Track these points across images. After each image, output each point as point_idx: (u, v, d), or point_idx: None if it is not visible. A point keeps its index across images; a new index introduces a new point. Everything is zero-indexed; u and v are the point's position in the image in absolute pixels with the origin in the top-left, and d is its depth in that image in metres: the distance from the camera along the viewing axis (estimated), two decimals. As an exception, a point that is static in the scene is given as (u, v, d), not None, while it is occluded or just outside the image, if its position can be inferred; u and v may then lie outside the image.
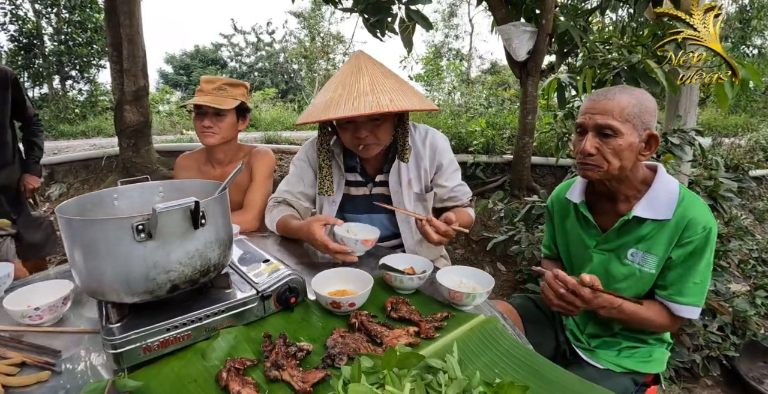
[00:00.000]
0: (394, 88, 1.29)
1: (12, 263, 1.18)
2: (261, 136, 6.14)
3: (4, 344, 0.90)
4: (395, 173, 1.50)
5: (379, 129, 1.37)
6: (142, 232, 0.69)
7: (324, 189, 1.50)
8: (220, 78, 1.76)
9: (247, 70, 24.17)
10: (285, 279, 0.91)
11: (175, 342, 0.80)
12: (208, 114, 1.72)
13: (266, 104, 12.02)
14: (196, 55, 24.12)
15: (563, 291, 1.03)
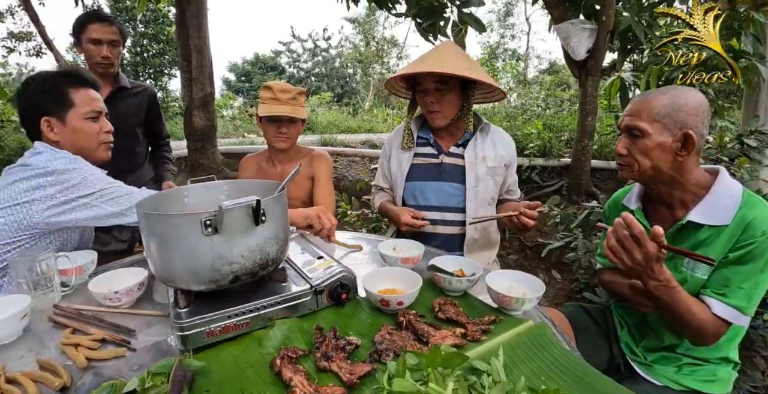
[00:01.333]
0: (460, 63, 1.48)
1: (95, 251, 1.32)
2: (317, 139, 6.33)
3: (87, 322, 1.01)
4: (472, 147, 1.65)
5: (443, 98, 1.57)
6: (209, 227, 0.76)
7: (404, 142, 1.73)
8: (293, 87, 1.88)
9: (305, 75, 25.03)
10: (337, 275, 0.95)
11: (235, 329, 0.87)
12: (284, 121, 1.87)
13: (322, 108, 12.40)
14: (256, 62, 25.32)
15: (626, 232, 0.94)
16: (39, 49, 10.11)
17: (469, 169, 1.63)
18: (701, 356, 1.17)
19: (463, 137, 1.69)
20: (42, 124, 1.32)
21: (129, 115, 2.11)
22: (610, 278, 1.33)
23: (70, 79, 1.36)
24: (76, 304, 1.10)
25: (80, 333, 0.97)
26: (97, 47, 1.97)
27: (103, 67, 2.02)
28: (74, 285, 1.20)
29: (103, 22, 1.97)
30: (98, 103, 1.40)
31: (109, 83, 2.08)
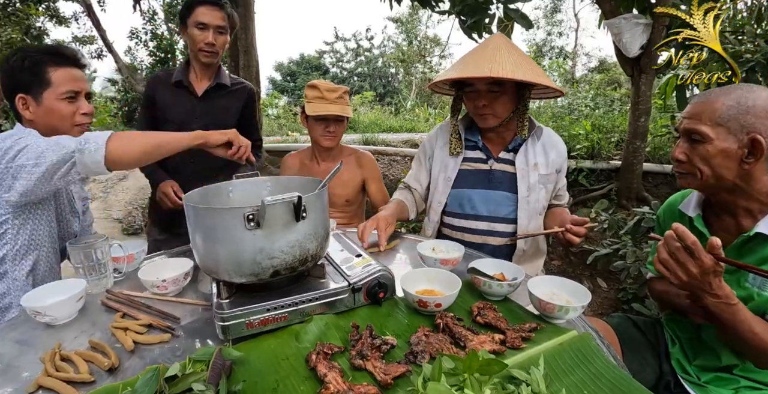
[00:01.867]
0: (516, 62, 1.37)
1: (145, 241, 1.39)
2: (359, 138, 6.38)
3: (137, 308, 1.06)
4: (523, 153, 1.55)
5: (497, 101, 1.46)
6: (252, 221, 0.78)
7: (452, 148, 1.61)
8: (338, 86, 1.90)
9: (347, 74, 25.32)
10: (375, 274, 0.95)
11: (273, 322, 0.88)
12: (331, 120, 1.89)
13: (364, 107, 12.49)
14: (301, 62, 25.86)
15: (678, 244, 0.86)
16: (100, 52, 10.82)
17: (521, 177, 1.54)
18: (763, 379, 1.07)
19: (513, 141, 1.58)
20: (17, 101, 1.26)
21: (222, 115, 1.93)
22: (663, 287, 1.25)
23: (51, 57, 1.27)
24: (126, 290, 1.15)
25: (129, 318, 1.02)
26: (202, 32, 1.77)
27: (206, 54, 1.81)
28: (126, 272, 1.27)
29: (212, 5, 1.77)
30: (78, 82, 1.30)
31: (207, 77, 1.91)
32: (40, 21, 8.63)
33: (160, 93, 1.90)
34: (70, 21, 9.55)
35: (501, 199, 1.57)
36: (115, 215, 4.37)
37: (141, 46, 11.71)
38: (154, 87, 1.92)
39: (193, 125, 1.76)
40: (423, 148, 1.76)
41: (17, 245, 1.23)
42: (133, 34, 11.56)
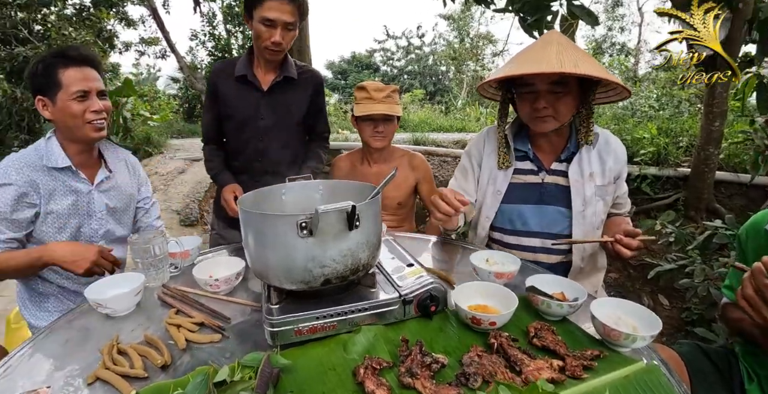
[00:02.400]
0: (583, 58, 1.24)
1: (200, 238, 1.43)
2: (409, 137, 6.32)
3: (190, 305, 1.09)
4: (577, 162, 1.41)
5: (559, 102, 1.31)
6: (304, 229, 0.76)
7: (500, 161, 1.48)
8: (387, 86, 1.89)
9: (398, 73, 25.33)
10: (427, 287, 0.91)
11: (321, 330, 0.87)
12: (380, 120, 1.86)
13: (414, 106, 12.41)
14: (352, 60, 26.17)
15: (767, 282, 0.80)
16: (164, 52, 11.48)
17: (575, 190, 1.41)
18: None
19: (565, 150, 1.44)
20: (37, 103, 1.34)
21: (288, 111, 1.79)
22: (739, 316, 1.12)
23: (59, 59, 1.31)
24: (181, 285, 1.19)
25: (183, 314, 1.04)
26: (268, 30, 1.58)
27: (271, 52, 1.65)
28: (182, 267, 1.31)
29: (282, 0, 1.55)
30: (87, 82, 1.33)
31: (273, 70, 1.76)
32: (111, 24, 9.27)
33: (223, 86, 1.75)
34: (138, 23, 10.18)
35: (554, 214, 1.44)
36: (174, 206, 4.60)
37: (200, 46, 12.33)
38: (217, 79, 1.76)
39: (259, 122, 1.74)
40: (469, 154, 1.60)
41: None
42: (193, 35, 12.19)
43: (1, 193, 1.27)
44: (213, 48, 12.20)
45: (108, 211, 1.48)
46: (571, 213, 1.41)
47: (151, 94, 10.45)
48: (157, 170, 5.58)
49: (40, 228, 1.36)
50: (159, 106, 10.02)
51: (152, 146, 6.76)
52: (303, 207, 1.10)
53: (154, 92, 11.22)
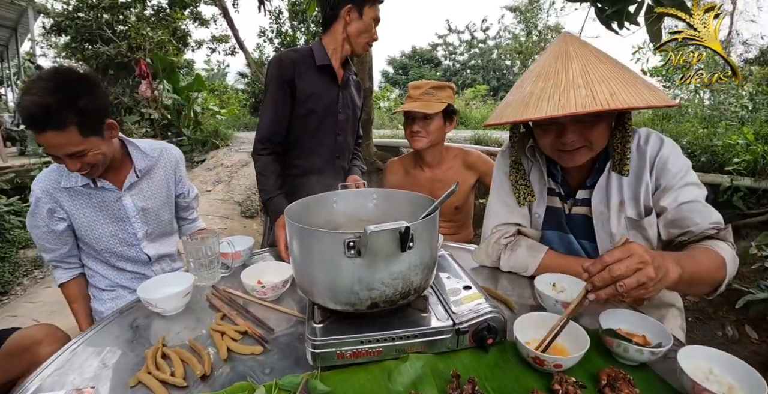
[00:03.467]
0: (615, 78, 0.96)
1: (252, 238, 1.42)
2: (470, 136, 6.11)
3: (236, 310, 1.07)
4: (602, 190, 1.15)
5: (591, 131, 1.05)
6: (352, 249, 0.69)
7: (520, 197, 1.24)
8: (427, 82, 1.79)
9: (460, 67, 24.86)
10: (485, 316, 0.81)
11: (366, 355, 0.80)
12: (417, 118, 1.76)
13: (477, 102, 12.08)
14: (413, 55, 26.01)
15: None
16: (233, 49, 11.98)
17: (599, 223, 1.17)
18: None
19: (593, 174, 1.18)
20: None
21: (355, 105, 1.79)
22: None
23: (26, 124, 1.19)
24: (230, 287, 1.18)
25: (228, 320, 1.02)
26: (375, 28, 1.64)
27: (366, 48, 1.67)
28: (232, 268, 1.31)
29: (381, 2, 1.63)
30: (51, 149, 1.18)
31: (343, 66, 1.71)
32: (185, 23, 9.84)
33: (301, 76, 1.58)
34: (209, 22, 10.71)
35: (585, 249, 1.24)
36: (236, 198, 4.78)
37: (267, 42, 12.78)
38: (293, 69, 1.57)
39: (338, 116, 1.69)
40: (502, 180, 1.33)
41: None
42: (261, 32, 12.66)
43: (37, 207, 1.35)
44: (279, 44, 12.61)
45: (142, 212, 1.46)
46: (597, 248, 1.19)
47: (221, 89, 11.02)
48: (222, 162, 5.84)
49: (81, 237, 1.43)
50: (227, 99, 10.54)
51: (219, 139, 7.10)
52: (354, 217, 1.03)
53: (223, 87, 11.81)
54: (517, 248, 1.22)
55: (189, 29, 10.00)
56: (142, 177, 1.47)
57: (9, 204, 3.59)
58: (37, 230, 1.39)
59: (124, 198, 1.42)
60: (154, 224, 1.51)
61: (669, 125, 5.05)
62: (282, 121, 1.61)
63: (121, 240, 1.45)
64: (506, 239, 1.26)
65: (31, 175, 4.19)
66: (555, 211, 1.26)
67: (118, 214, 1.43)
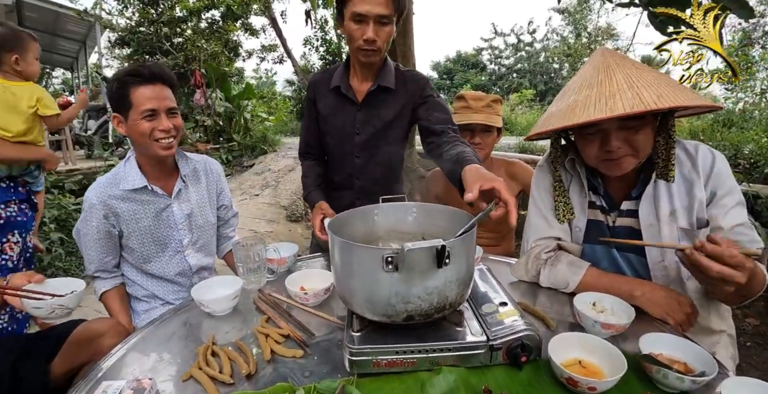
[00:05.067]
0: (660, 82, 0.99)
1: (296, 246, 1.49)
2: (515, 143, 6.00)
3: (280, 313, 1.13)
4: (649, 200, 1.13)
5: (636, 137, 1.05)
6: (390, 264, 0.73)
7: (560, 214, 1.24)
8: (487, 95, 1.80)
9: (506, 71, 24.45)
10: (519, 334, 0.82)
11: (400, 365, 0.83)
12: (477, 131, 1.76)
13: (522, 107, 11.83)
14: (458, 60, 25.84)
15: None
16: (281, 58, 12.43)
17: (649, 235, 1.13)
18: None
19: (638, 184, 1.16)
20: (113, 120, 1.41)
21: (385, 121, 1.56)
22: None
23: (131, 77, 1.35)
24: (275, 290, 1.25)
25: (272, 324, 1.09)
26: (360, 27, 1.36)
27: (366, 53, 1.41)
28: (278, 273, 1.38)
29: None
30: (155, 101, 1.35)
31: (371, 77, 1.54)
32: (236, 35, 10.33)
33: (320, 99, 1.62)
34: (259, 32, 11.17)
35: (630, 263, 1.20)
36: (282, 202, 4.96)
37: (313, 50, 13.21)
38: (315, 90, 1.63)
39: (354, 138, 1.58)
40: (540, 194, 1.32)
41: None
42: (307, 41, 13.09)
43: (90, 213, 1.42)
44: (325, 52, 13.00)
45: (188, 219, 1.54)
46: (647, 262, 1.16)
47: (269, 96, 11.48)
48: (270, 167, 6.07)
49: (127, 244, 1.49)
50: (275, 106, 10.96)
51: (267, 144, 7.39)
52: (394, 230, 1.07)
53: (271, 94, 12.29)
54: (558, 264, 1.21)
55: (240, 40, 10.53)
56: (189, 184, 1.55)
57: (77, 203, 3.92)
58: (87, 238, 1.45)
59: (173, 205, 1.51)
60: (198, 233, 1.58)
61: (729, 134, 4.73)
62: (312, 139, 1.69)
63: (168, 247, 1.52)
64: (546, 254, 1.24)
65: (96, 177, 4.56)
66: (597, 224, 1.23)
67: (167, 221, 1.51)
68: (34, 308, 1.07)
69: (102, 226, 1.43)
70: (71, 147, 6.01)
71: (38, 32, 12.36)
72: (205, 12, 9.46)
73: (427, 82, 1.57)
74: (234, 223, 1.79)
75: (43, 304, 1.06)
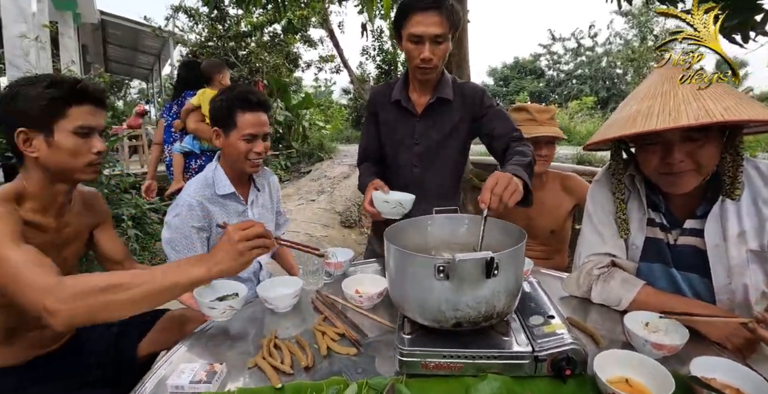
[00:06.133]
0: (728, 96, 0.95)
1: (352, 251, 1.58)
2: (573, 154, 5.76)
3: (336, 314, 1.21)
4: (716, 219, 1.08)
5: (700, 152, 1.01)
6: (441, 272, 0.79)
7: (621, 230, 1.22)
8: (549, 107, 1.83)
9: (565, 77, 23.62)
10: (565, 347, 0.84)
11: (447, 369, 0.88)
12: (543, 143, 1.77)
13: (582, 115, 11.37)
14: (515, 66, 25.29)
15: None
16: (338, 68, 12.87)
17: (715, 257, 1.08)
18: None
19: (703, 202, 1.12)
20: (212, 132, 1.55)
21: (445, 132, 1.61)
22: None
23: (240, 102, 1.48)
24: (331, 292, 1.34)
25: (328, 323, 1.17)
26: (417, 47, 1.44)
27: (423, 71, 1.48)
28: (334, 276, 1.47)
29: (426, 10, 1.39)
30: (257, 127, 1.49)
31: (429, 91, 1.60)
32: (296, 47, 10.84)
33: (381, 110, 1.70)
34: (317, 44, 11.64)
35: (692, 284, 1.15)
36: (337, 208, 5.13)
37: (369, 60, 13.57)
38: (376, 102, 1.72)
39: (414, 148, 1.64)
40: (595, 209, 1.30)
41: None
42: (364, 51, 13.48)
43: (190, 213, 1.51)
44: (381, 61, 13.29)
45: None
46: (712, 285, 1.10)
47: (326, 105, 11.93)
48: (326, 174, 6.29)
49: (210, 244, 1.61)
50: (332, 114, 11.36)
51: (324, 152, 7.67)
52: (446, 240, 1.13)
53: (328, 103, 12.75)
54: (611, 280, 1.19)
55: (300, 52, 11.06)
56: (259, 193, 1.73)
57: (150, 203, 4.28)
58: (177, 234, 1.49)
59: (248, 210, 1.66)
60: None
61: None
62: (372, 148, 1.75)
63: None
64: (599, 270, 1.23)
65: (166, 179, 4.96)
66: (656, 242, 1.20)
67: None
68: (210, 309, 1.14)
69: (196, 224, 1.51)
70: (147, 151, 6.55)
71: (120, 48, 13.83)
72: (268, 26, 10.06)
73: (485, 92, 1.62)
74: (285, 227, 1.95)
75: (218, 305, 1.16)
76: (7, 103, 1.05)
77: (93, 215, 1.34)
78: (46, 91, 1.04)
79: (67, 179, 1.14)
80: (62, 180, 1.13)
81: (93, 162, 1.14)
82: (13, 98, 1.05)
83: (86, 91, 1.09)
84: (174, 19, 10.36)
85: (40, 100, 1.04)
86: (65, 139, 1.07)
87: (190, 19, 10.08)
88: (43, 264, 0.92)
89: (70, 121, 1.07)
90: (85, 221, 1.31)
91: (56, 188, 1.14)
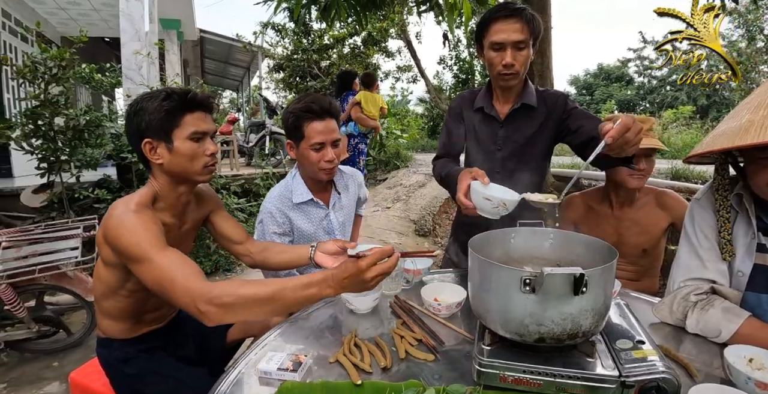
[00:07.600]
0: None
1: (431, 260, 1.60)
2: (667, 168, 5.25)
3: (414, 319, 1.25)
4: None
5: None
6: (527, 285, 0.79)
7: (724, 252, 1.12)
8: (647, 118, 1.74)
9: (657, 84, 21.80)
10: (657, 375, 0.79)
11: (525, 384, 0.86)
12: (640, 156, 1.67)
13: (678, 125, 10.38)
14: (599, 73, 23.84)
15: None
16: (415, 77, 13.00)
17: None
18: None
19: None
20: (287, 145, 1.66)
21: (528, 138, 1.60)
22: None
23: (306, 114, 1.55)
24: (409, 298, 1.37)
25: (406, 327, 1.21)
26: (498, 54, 1.46)
27: (504, 78, 1.50)
28: (413, 283, 1.51)
29: (507, 17, 1.42)
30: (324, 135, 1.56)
31: (512, 98, 1.60)
32: (375, 58, 11.16)
33: (467, 115, 1.70)
34: (395, 54, 11.88)
35: None
36: (412, 216, 5.17)
37: (446, 69, 13.57)
38: (461, 107, 1.72)
39: (496, 154, 1.64)
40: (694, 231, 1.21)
41: None
42: (441, 61, 13.51)
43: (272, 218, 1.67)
44: (458, 70, 13.25)
45: (341, 226, 1.79)
46: None
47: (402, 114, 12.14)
48: (401, 182, 6.38)
49: None
50: (408, 123, 11.52)
51: (400, 160, 7.80)
52: (529, 254, 1.11)
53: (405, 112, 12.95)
54: (710, 309, 1.10)
55: (378, 62, 11.38)
56: (341, 196, 1.82)
57: (238, 203, 4.66)
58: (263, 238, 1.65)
59: (330, 214, 1.78)
60: (345, 237, 1.84)
61: None
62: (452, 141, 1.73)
63: None
64: (696, 296, 1.14)
65: (255, 182, 5.36)
66: (766, 270, 1.09)
67: (327, 228, 1.78)
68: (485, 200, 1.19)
69: (278, 230, 1.68)
70: (236, 156, 7.12)
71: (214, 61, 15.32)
72: (349, 39, 10.49)
73: (567, 96, 1.61)
74: (364, 204, 2.07)
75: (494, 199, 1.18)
76: (132, 118, 1.19)
77: (205, 205, 1.48)
78: (163, 103, 1.16)
79: (189, 181, 1.29)
80: (184, 182, 1.29)
81: (208, 163, 1.25)
82: (136, 113, 1.18)
83: (196, 100, 1.21)
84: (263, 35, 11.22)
85: (159, 113, 1.16)
86: (183, 145, 1.19)
87: (277, 33, 10.86)
88: (188, 265, 1.06)
89: (185, 128, 1.19)
90: (200, 215, 1.46)
91: (180, 190, 1.30)
